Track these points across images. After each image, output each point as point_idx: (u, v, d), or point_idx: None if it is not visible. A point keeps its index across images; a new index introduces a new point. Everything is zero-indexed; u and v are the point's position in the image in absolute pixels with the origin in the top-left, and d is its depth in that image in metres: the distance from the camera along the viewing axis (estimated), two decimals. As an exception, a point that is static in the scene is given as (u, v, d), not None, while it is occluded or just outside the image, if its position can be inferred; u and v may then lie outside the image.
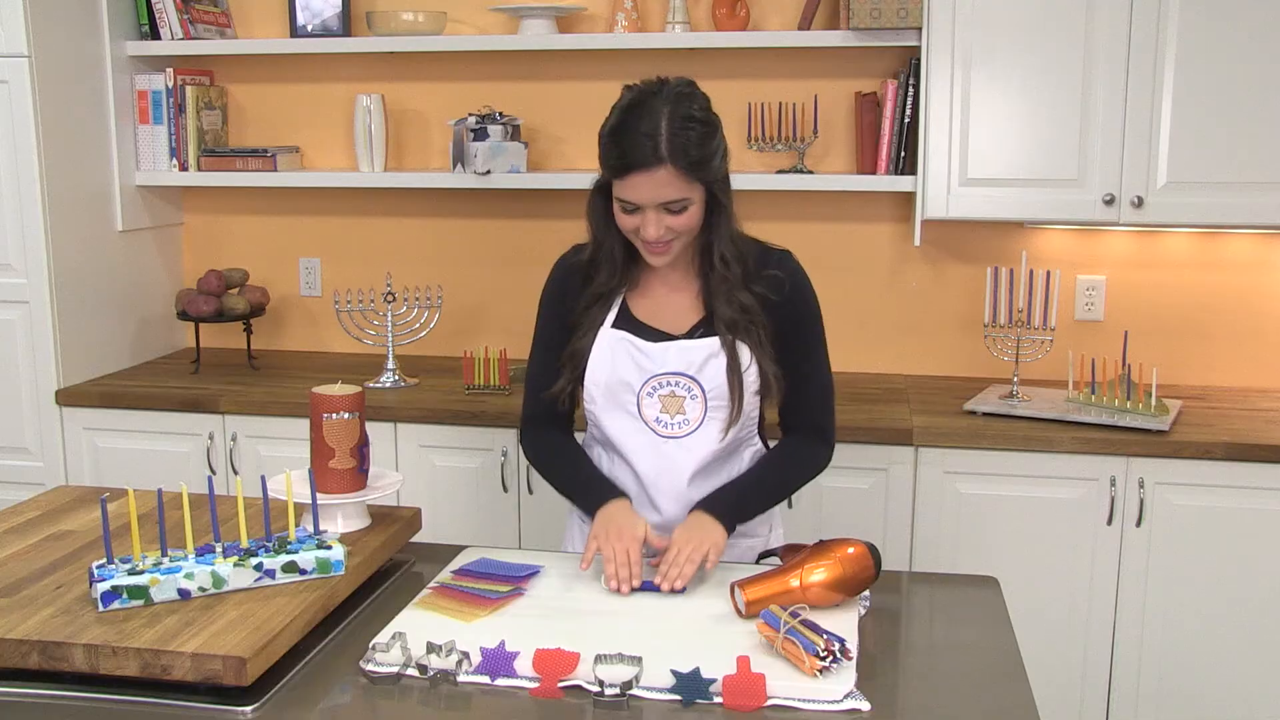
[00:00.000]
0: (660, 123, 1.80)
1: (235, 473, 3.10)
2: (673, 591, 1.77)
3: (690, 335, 1.96)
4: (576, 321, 2.00)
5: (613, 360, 1.97)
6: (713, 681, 1.49)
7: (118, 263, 3.39)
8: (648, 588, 1.79)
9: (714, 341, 1.94)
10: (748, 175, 3.18)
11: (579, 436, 2.12)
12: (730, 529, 1.90)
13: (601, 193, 1.95)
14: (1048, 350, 3.00)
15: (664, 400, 1.96)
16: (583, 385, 2.00)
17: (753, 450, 2.05)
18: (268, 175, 3.42)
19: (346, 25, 3.38)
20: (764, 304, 1.95)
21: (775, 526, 2.14)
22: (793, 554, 1.78)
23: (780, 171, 3.21)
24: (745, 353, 1.94)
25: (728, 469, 2.01)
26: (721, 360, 1.93)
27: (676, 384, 1.95)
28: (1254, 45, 2.78)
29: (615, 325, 1.98)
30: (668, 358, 1.95)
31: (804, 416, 2.04)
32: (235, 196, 3.64)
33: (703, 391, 1.94)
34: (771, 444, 2.09)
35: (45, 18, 3.06)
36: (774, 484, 2.02)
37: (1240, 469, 2.69)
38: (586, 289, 2.00)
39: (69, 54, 3.17)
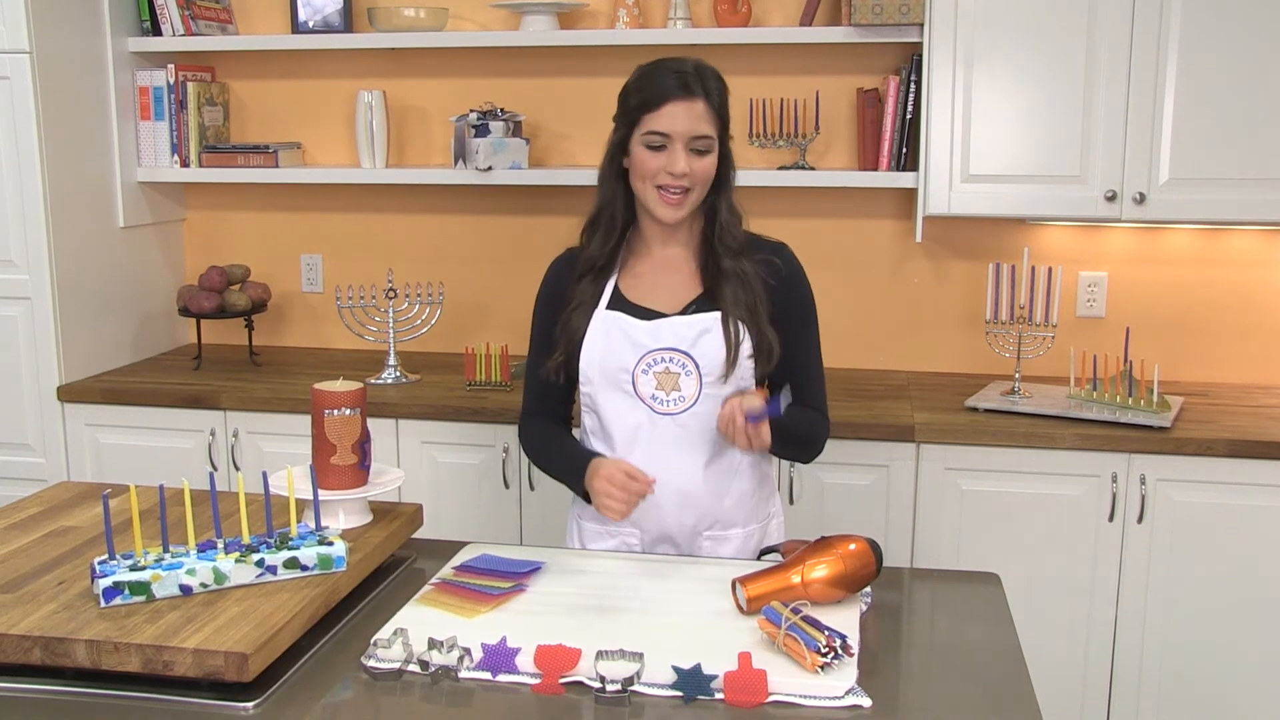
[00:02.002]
0: (690, 66, 1.94)
1: (237, 469, 3.10)
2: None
3: (684, 313, 1.99)
4: (569, 297, 2.04)
5: (607, 340, 1.99)
6: (714, 678, 1.49)
7: (119, 259, 3.39)
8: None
9: (707, 317, 1.97)
10: (749, 171, 3.18)
11: (575, 433, 2.14)
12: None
13: (614, 155, 2.01)
14: (1049, 347, 3.00)
15: (659, 377, 1.98)
16: (578, 366, 2.02)
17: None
18: (269, 171, 3.42)
19: (348, 21, 3.38)
20: (763, 284, 1.99)
21: (776, 514, 2.15)
22: (794, 550, 1.78)
23: (782, 168, 3.21)
24: (741, 328, 1.97)
25: (729, 455, 2.02)
26: (716, 335, 1.96)
27: (671, 360, 1.97)
28: (1256, 41, 2.78)
29: (609, 307, 2.02)
30: (661, 333, 1.98)
31: (804, 400, 2.06)
32: (237, 193, 3.65)
33: (697, 367, 1.96)
34: None
35: (47, 14, 3.06)
36: (804, 421, 2.03)
37: (1242, 465, 2.69)
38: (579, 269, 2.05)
39: (70, 50, 3.17)
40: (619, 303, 2.02)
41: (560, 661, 1.52)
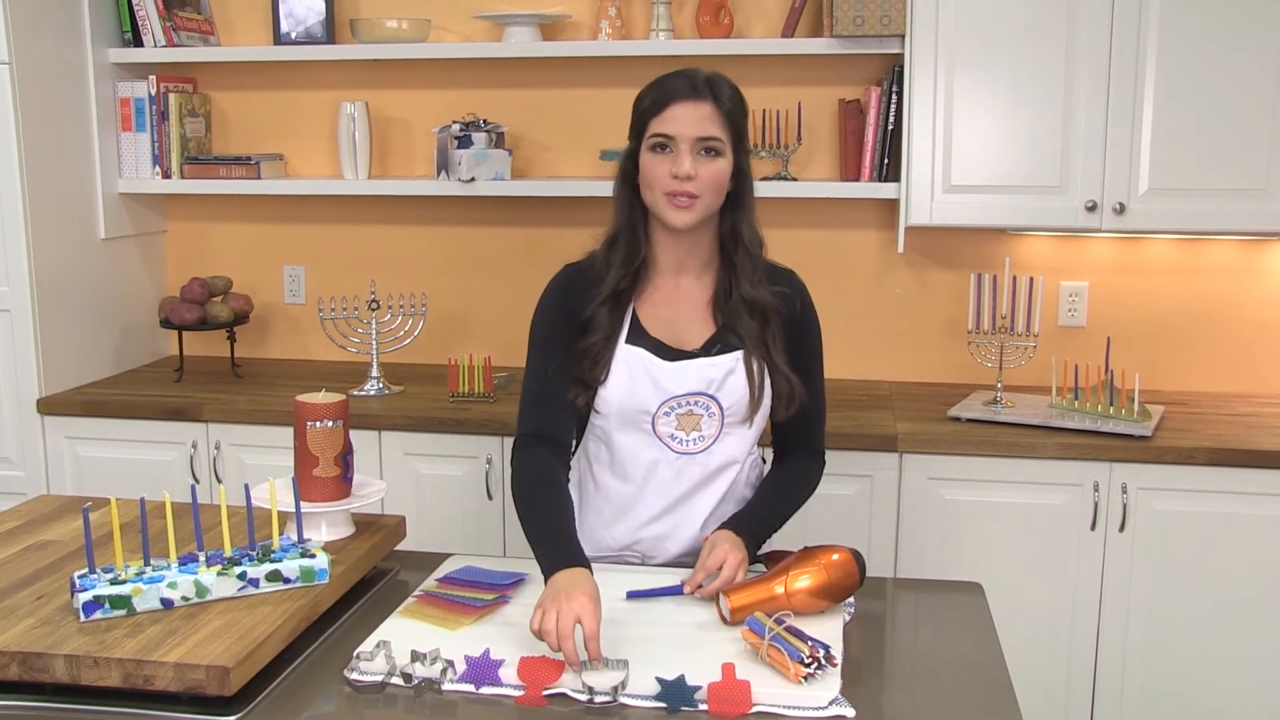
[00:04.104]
0: (701, 73, 1.90)
1: (219, 481, 3.08)
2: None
3: (707, 351, 1.93)
4: (588, 318, 1.93)
5: (630, 380, 1.91)
6: (698, 688, 1.49)
7: (100, 271, 3.38)
8: (653, 593, 1.79)
9: (730, 358, 1.92)
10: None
11: (587, 448, 2.08)
12: (751, 554, 1.89)
13: (627, 171, 1.94)
14: (1031, 356, 3.01)
15: (680, 419, 1.93)
16: (594, 399, 1.94)
17: (751, 459, 2.03)
18: (251, 183, 3.41)
19: (330, 32, 3.37)
20: (778, 313, 1.95)
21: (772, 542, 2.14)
22: (777, 561, 1.78)
23: (764, 179, 3.21)
24: (762, 366, 1.93)
25: (737, 487, 2.00)
26: (740, 376, 1.91)
27: (694, 403, 1.92)
28: (1234, 52, 2.80)
29: (630, 341, 1.93)
30: (687, 378, 1.91)
31: (802, 437, 2.04)
32: (219, 204, 3.63)
33: (720, 409, 1.92)
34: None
35: (27, 24, 3.05)
36: (786, 509, 2.01)
37: (1222, 474, 2.70)
38: (594, 290, 1.94)
39: (51, 61, 3.16)
40: (639, 336, 1.94)
41: (543, 673, 1.52)
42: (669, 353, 1.93)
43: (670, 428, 1.93)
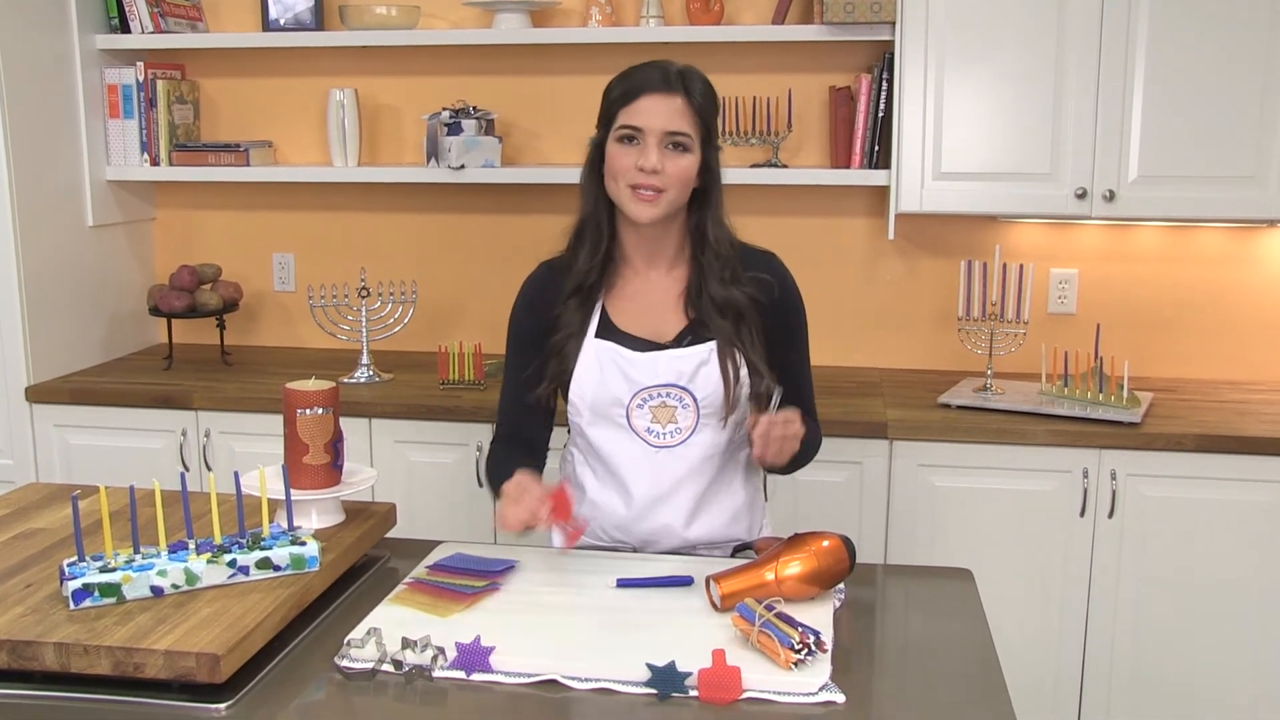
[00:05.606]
0: (674, 65, 1.89)
1: (209, 469, 3.08)
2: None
3: (678, 343, 1.93)
4: (557, 316, 1.96)
5: (600, 373, 1.93)
6: (688, 675, 1.49)
7: (88, 258, 3.36)
8: (643, 582, 1.79)
9: (703, 348, 1.92)
10: (722, 169, 3.18)
11: (571, 450, 2.09)
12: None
13: (594, 161, 1.93)
14: (1021, 343, 3.02)
15: (654, 411, 1.92)
16: (567, 394, 1.96)
17: (747, 453, 2.01)
18: (240, 170, 3.40)
19: (319, 19, 3.36)
20: (755, 306, 1.93)
21: (766, 525, 2.14)
22: (767, 547, 1.79)
23: (754, 165, 3.21)
24: (738, 359, 1.91)
25: (726, 476, 1.99)
26: (713, 367, 1.91)
27: (667, 395, 1.91)
28: (1223, 40, 2.81)
29: (599, 335, 1.94)
30: (657, 369, 1.91)
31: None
32: (207, 191, 3.62)
33: (694, 400, 1.91)
34: None
35: (12, 11, 3.03)
36: (812, 432, 1.98)
37: (1210, 460, 2.72)
38: (563, 287, 1.96)
39: (37, 48, 3.14)
40: (608, 330, 1.95)
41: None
42: (639, 345, 1.93)
43: (645, 421, 1.93)
